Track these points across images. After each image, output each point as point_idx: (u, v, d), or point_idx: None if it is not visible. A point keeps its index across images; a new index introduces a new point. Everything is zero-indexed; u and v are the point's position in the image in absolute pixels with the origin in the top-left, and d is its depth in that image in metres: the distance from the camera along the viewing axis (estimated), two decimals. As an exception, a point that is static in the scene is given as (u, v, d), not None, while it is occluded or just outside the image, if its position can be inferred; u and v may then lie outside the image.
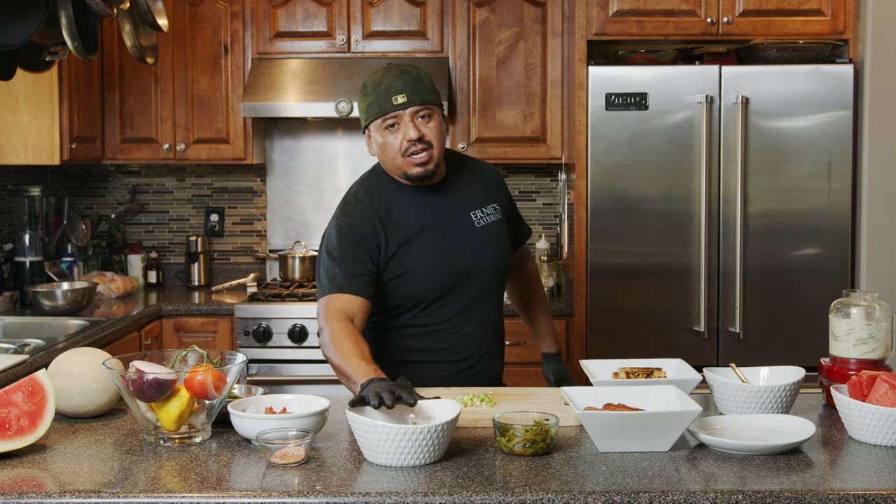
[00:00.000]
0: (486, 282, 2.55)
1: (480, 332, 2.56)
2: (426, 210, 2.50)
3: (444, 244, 2.49)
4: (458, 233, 2.52)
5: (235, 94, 4.34)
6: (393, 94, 2.38)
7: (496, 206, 2.61)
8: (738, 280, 3.83)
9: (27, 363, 2.88)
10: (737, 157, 3.81)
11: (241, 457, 1.91)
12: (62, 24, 2.62)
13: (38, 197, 4.17)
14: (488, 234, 2.55)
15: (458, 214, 2.54)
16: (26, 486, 1.74)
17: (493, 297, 2.60)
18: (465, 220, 2.54)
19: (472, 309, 2.53)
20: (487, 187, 2.63)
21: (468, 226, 2.54)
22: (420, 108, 2.40)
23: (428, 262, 2.46)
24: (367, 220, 2.46)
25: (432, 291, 2.48)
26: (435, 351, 2.53)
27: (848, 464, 1.88)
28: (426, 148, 2.41)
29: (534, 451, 1.89)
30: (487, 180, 2.64)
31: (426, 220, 2.49)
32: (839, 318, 2.27)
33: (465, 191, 2.58)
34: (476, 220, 2.55)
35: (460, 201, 2.55)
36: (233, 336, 4.03)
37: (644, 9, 3.90)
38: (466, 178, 2.61)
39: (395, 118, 2.40)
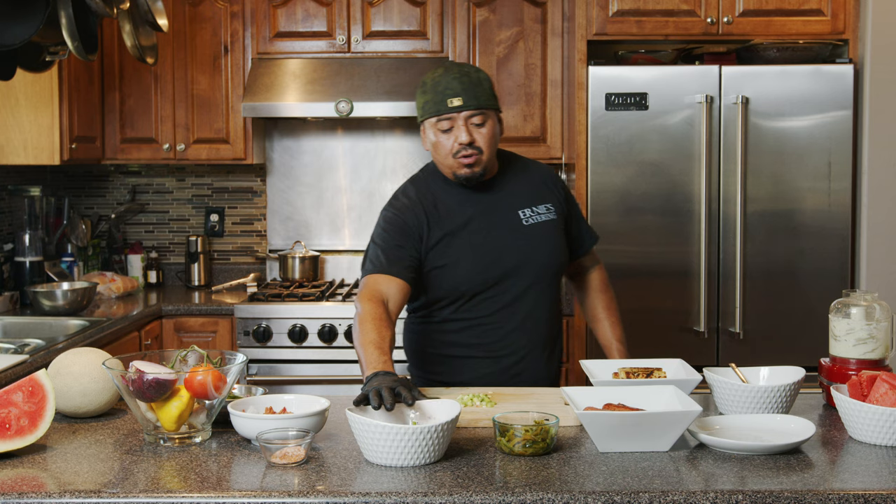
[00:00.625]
0: (533, 280, 2.55)
1: (525, 329, 2.56)
2: (473, 206, 2.55)
3: (487, 239, 2.52)
4: (504, 229, 2.54)
5: (235, 94, 4.34)
6: (449, 96, 2.43)
7: (549, 206, 2.61)
8: (738, 280, 3.83)
9: (27, 363, 2.88)
10: (737, 157, 3.81)
11: (241, 457, 1.91)
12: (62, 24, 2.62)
13: (38, 197, 4.17)
14: (536, 232, 2.56)
15: (505, 211, 2.56)
16: (26, 486, 1.74)
17: (544, 296, 2.58)
18: (512, 218, 2.56)
19: (516, 306, 2.54)
20: (541, 187, 2.64)
21: (515, 223, 2.55)
22: (475, 112, 2.44)
23: (469, 256, 2.50)
24: (412, 212, 2.52)
25: (472, 285, 2.51)
26: (476, 346, 2.54)
27: (848, 464, 1.88)
28: (476, 153, 2.45)
29: (534, 451, 1.89)
30: (542, 181, 2.66)
31: (471, 214, 2.53)
32: (839, 318, 2.27)
33: (516, 189, 2.60)
34: (524, 217, 2.57)
35: (509, 199, 2.58)
36: (233, 336, 4.03)
37: (644, 9, 3.90)
38: (518, 178, 2.63)
39: (449, 120, 2.45)
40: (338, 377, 3.92)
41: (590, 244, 2.76)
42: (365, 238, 4.64)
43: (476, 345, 2.54)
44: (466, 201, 2.55)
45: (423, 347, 2.62)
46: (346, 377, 3.91)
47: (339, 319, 3.94)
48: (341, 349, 3.95)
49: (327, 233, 4.68)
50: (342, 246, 4.68)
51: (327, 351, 3.95)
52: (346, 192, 4.66)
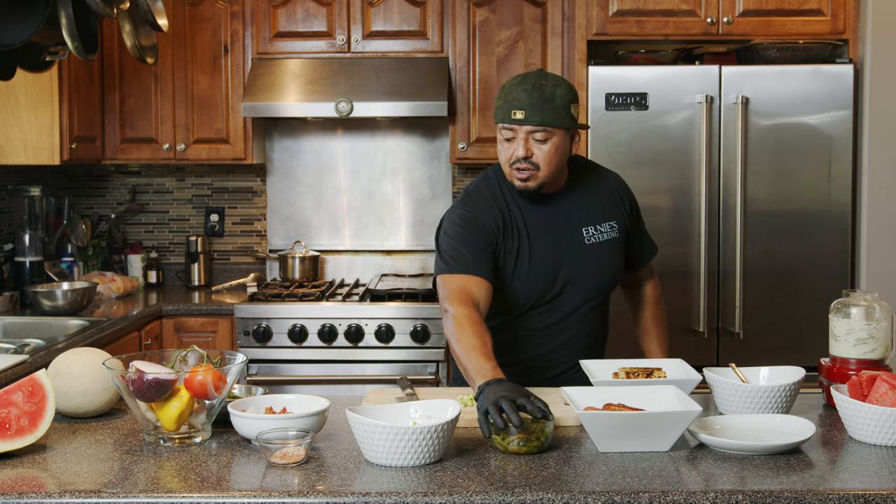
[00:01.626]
0: (587, 297, 2.54)
1: (575, 344, 2.56)
2: (538, 216, 2.51)
3: (546, 256, 2.49)
4: (564, 247, 2.51)
5: (235, 94, 4.34)
6: (515, 107, 2.38)
7: (613, 224, 2.58)
8: (738, 280, 3.83)
9: (27, 363, 2.88)
10: (737, 157, 3.81)
11: (241, 457, 1.91)
12: (62, 24, 2.62)
13: (38, 197, 4.17)
14: (597, 252, 2.53)
15: (568, 228, 2.53)
16: (26, 486, 1.74)
17: (596, 313, 2.58)
18: (574, 235, 2.52)
19: (566, 322, 2.54)
20: (608, 202, 2.60)
21: (577, 241, 2.52)
22: (536, 128, 2.39)
23: (525, 269, 2.47)
24: (489, 212, 2.48)
25: (525, 300, 2.49)
26: (526, 356, 2.53)
27: (848, 464, 1.88)
28: (531, 168, 2.41)
29: (528, 450, 1.89)
30: (610, 194, 2.61)
31: (535, 227, 2.50)
32: (839, 318, 2.27)
33: (583, 204, 2.56)
34: (587, 236, 2.53)
35: (575, 215, 2.54)
36: (233, 336, 4.03)
37: (644, 9, 3.90)
38: (587, 191, 2.58)
39: (511, 131, 2.41)
40: (338, 377, 3.92)
41: (648, 257, 2.73)
42: (364, 238, 4.64)
43: (526, 354, 2.54)
44: (533, 211, 2.51)
45: None
46: (346, 377, 3.91)
47: (339, 319, 3.94)
48: (341, 349, 3.95)
49: (327, 233, 4.68)
50: (342, 246, 4.68)
51: (327, 351, 3.95)
52: (346, 192, 4.66)
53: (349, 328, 3.93)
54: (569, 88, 2.43)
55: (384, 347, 3.93)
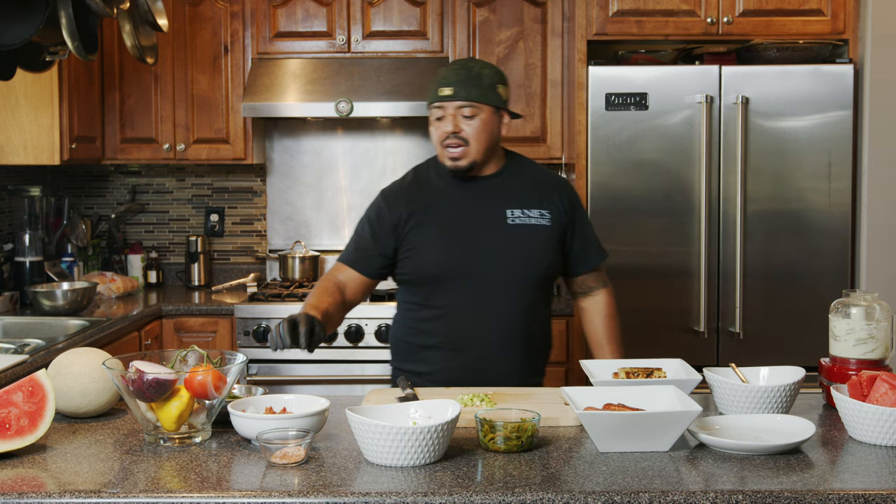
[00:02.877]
0: (507, 280, 2.55)
1: (494, 328, 2.55)
2: (460, 196, 2.59)
3: (463, 230, 2.55)
4: (482, 223, 2.56)
5: (235, 94, 4.34)
6: (443, 85, 2.49)
7: (544, 212, 2.60)
8: (738, 280, 3.83)
9: (27, 363, 2.88)
10: (737, 157, 3.81)
11: (241, 457, 1.91)
12: (62, 24, 2.62)
13: (38, 197, 4.17)
14: (520, 233, 2.56)
15: (490, 207, 2.58)
16: (26, 486, 1.74)
17: (520, 299, 2.57)
18: (496, 215, 2.57)
19: (485, 303, 2.54)
20: (542, 193, 2.63)
21: (498, 221, 2.57)
22: (464, 104, 2.48)
23: (440, 241, 2.54)
24: (395, 198, 2.62)
25: (439, 270, 2.54)
26: (442, 337, 2.56)
27: (848, 464, 1.88)
28: (461, 144, 2.50)
29: (507, 448, 1.91)
30: (546, 187, 2.65)
31: (456, 204, 2.59)
32: (839, 318, 2.27)
33: (510, 189, 2.61)
34: (510, 217, 2.57)
35: (499, 197, 2.59)
36: (233, 336, 4.03)
37: (644, 9, 3.90)
38: (519, 180, 2.63)
39: (440, 108, 2.50)
40: (338, 377, 3.92)
41: (596, 261, 2.72)
42: (365, 238, 4.64)
43: (442, 335, 2.56)
44: (456, 191, 2.60)
45: (401, 336, 2.68)
46: (346, 377, 3.91)
47: (339, 319, 3.94)
48: (341, 349, 3.95)
49: (327, 233, 4.68)
50: (342, 246, 4.61)
51: (327, 351, 3.95)
52: (346, 192, 4.66)
53: (349, 328, 3.93)
54: (497, 71, 2.56)
55: (384, 347, 3.92)
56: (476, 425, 1.95)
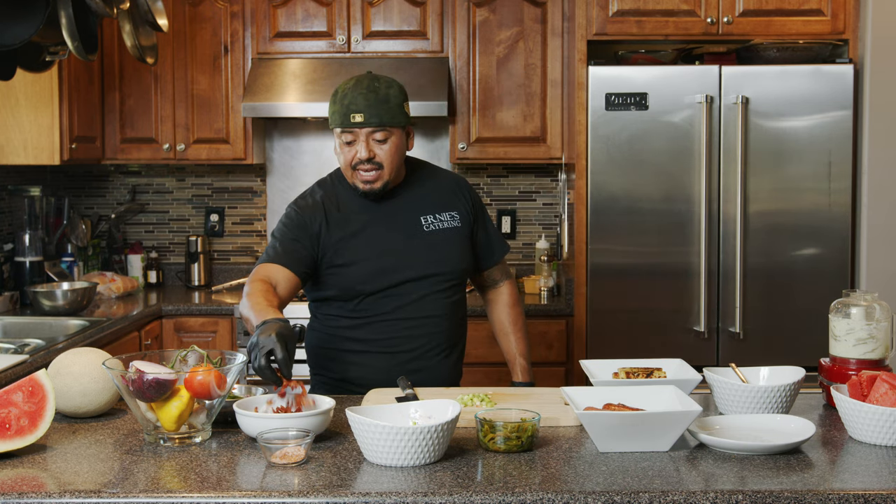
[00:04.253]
0: (431, 283, 2.60)
1: (423, 330, 2.59)
2: (374, 210, 2.60)
3: (386, 242, 2.57)
4: (403, 234, 2.59)
5: (235, 94, 4.34)
6: (352, 111, 2.48)
7: (454, 214, 2.66)
8: (738, 280, 3.83)
9: (27, 363, 2.89)
10: (737, 157, 3.81)
11: (242, 457, 1.91)
12: (62, 24, 2.62)
13: (38, 197, 4.17)
14: (437, 238, 2.62)
15: (406, 217, 2.61)
16: (26, 486, 1.74)
17: (443, 300, 2.62)
18: (412, 224, 2.61)
19: (413, 307, 2.58)
20: (447, 195, 2.68)
21: (415, 229, 2.61)
22: (376, 129, 2.49)
23: (366, 257, 2.55)
24: (312, 212, 2.58)
25: (368, 286, 2.55)
26: (372, 341, 2.58)
27: (848, 464, 1.88)
28: (375, 168, 2.52)
29: (507, 449, 1.90)
30: (449, 189, 2.70)
31: (372, 218, 2.59)
32: (839, 318, 2.27)
33: (420, 196, 2.65)
34: (426, 224, 2.62)
35: (412, 205, 2.63)
36: (233, 336, 4.03)
37: (644, 9, 3.90)
38: (424, 185, 2.68)
39: (351, 134, 2.50)
40: (338, 377, 3.91)
41: (499, 255, 2.79)
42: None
43: (372, 340, 2.57)
44: (369, 205, 2.60)
45: (322, 344, 2.66)
46: (346, 377, 3.91)
47: (339, 319, 3.94)
48: (341, 349, 3.94)
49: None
50: (342, 246, 4.67)
51: (327, 351, 3.94)
52: (346, 192, 4.66)
53: (349, 328, 3.92)
54: (400, 88, 2.55)
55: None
56: (476, 425, 1.95)
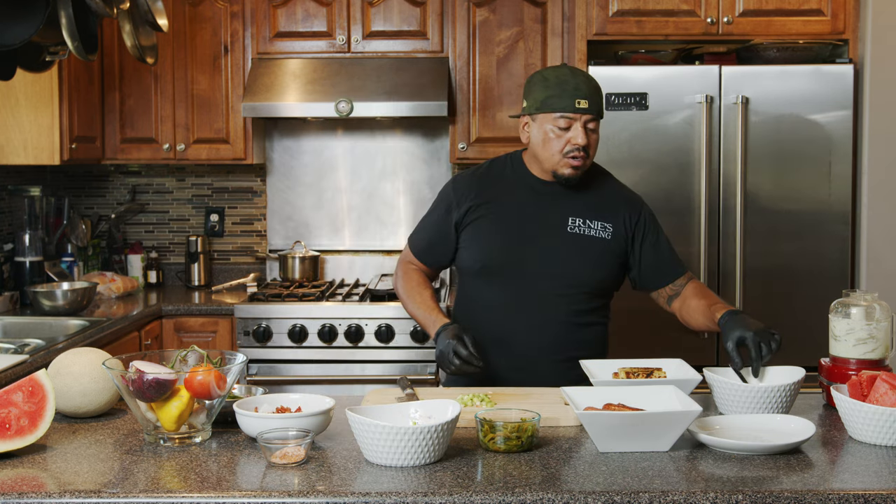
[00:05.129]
0: (558, 285, 2.56)
1: (540, 332, 2.56)
2: (527, 197, 2.62)
3: (521, 229, 2.58)
4: (542, 227, 2.59)
5: (235, 94, 4.34)
6: (579, 96, 2.48)
7: (607, 226, 2.61)
8: (738, 280, 3.83)
9: (27, 363, 2.88)
10: (737, 157, 3.81)
11: (242, 457, 1.91)
12: (62, 24, 2.62)
13: (38, 197, 4.17)
14: (577, 242, 2.58)
15: (553, 213, 2.60)
16: (26, 486, 1.74)
17: (569, 307, 2.58)
18: (557, 221, 2.59)
19: (532, 303, 2.56)
20: (608, 207, 2.63)
21: (557, 226, 2.59)
22: (594, 118, 2.51)
23: (496, 236, 2.59)
24: (465, 184, 2.66)
25: (487, 263, 2.58)
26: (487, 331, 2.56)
27: (848, 464, 1.88)
28: (584, 156, 2.52)
29: (507, 448, 1.90)
30: (615, 202, 2.65)
31: (522, 204, 2.61)
32: (839, 318, 2.27)
33: (577, 199, 2.62)
34: (570, 225, 2.59)
35: (565, 204, 2.61)
36: (233, 336, 4.03)
37: (644, 9, 3.90)
38: (589, 191, 2.64)
39: (570, 119, 2.50)
40: (338, 377, 3.92)
41: (671, 277, 2.69)
42: (364, 238, 4.65)
43: (487, 329, 2.56)
44: (526, 191, 2.62)
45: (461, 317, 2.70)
46: (346, 377, 3.91)
47: (339, 319, 3.94)
48: (341, 349, 3.95)
49: (327, 233, 4.68)
50: (342, 246, 4.67)
51: (327, 351, 3.95)
52: (346, 192, 4.66)
53: (349, 328, 3.93)
54: None
55: (384, 347, 3.93)
56: (476, 425, 1.95)
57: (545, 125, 2.52)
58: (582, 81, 2.50)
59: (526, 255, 2.56)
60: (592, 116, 2.50)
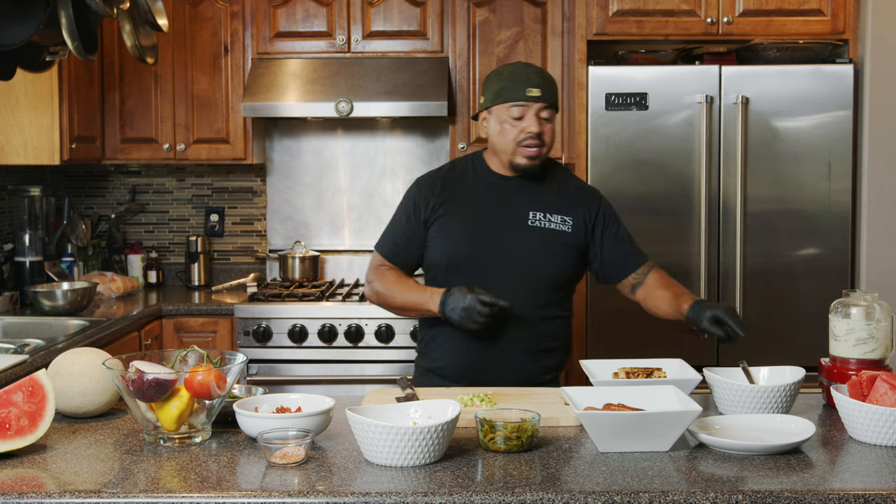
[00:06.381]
0: (520, 278, 2.60)
1: (505, 325, 2.58)
2: (489, 193, 2.67)
3: (484, 225, 2.63)
4: (504, 222, 2.63)
5: (235, 94, 4.34)
6: (530, 85, 2.55)
7: (567, 219, 2.66)
8: (738, 280, 3.83)
9: (27, 363, 2.88)
10: (737, 157, 3.81)
11: (242, 457, 1.91)
12: (62, 24, 2.62)
13: (38, 197, 4.16)
14: (538, 235, 2.63)
15: (514, 208, 2.65)
16: (26, 486, 1.74)
17: (531, 297, 2.61)
18: (518, 215, 2.64)
19: None
20: (569, 201, 2.68)
21: (518, 221, 2.64)
22: (548, 106, 2.57)
23: (461, 232, 2.63)
24: (429, 184, 2.72)
25: (456, 259, 2.62)
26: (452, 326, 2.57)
27: (848, 464, 1.88)
28: (539, 145, 2.57)
29: (507, 448, 1.90)
30: (574, 196, 2.70)
31: (481, 200, 2.67)
32: (839, 318, 2.27)
33: (538, 194, 2.67)
34: (532, 218, 2.64)
35: (525, 199, 2.66)
36: (233, 336, 4.03)
37: (644, 9, 3.90)
38: (549, 185, 2.70)
39: (523, 108, 2.56)
40: (338, 377, 3.92)
41: (634, 266, 2.74)
42: (364, 238, 4.64)
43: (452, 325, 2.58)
44: (487, 188, 2.68)
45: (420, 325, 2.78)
46: (346, 377, 3.92)
47: (339, 319, 3.94)
48: (341, 349, 3.95)
49: (327, 233, 4.68)
50: (342, 246, 4.67)
51: (327, 351, 3.95)
52: (346, 192, 4.66)
53: (349, 328, 3.93)
54: None
55: (384, 347, 3.93)
56: (476, 425, 1.95)
57: (501, 116, 2.59)
58: (534, 72, 2.59)
59: (489, 249, 2.62)
60: (545, 105, 2.56)
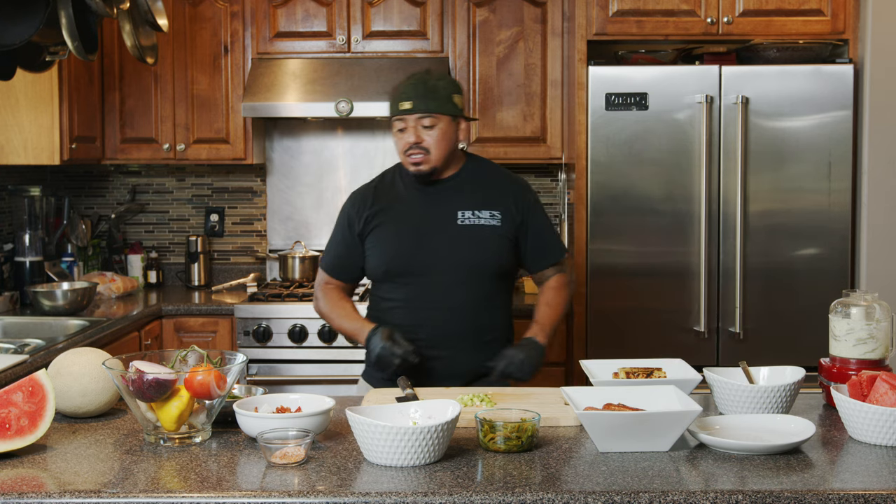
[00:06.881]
0: (458, 276, 2.70)
1: (448, 322, 2.69)
2: (417, 198, 2.77)
3: (415, 229, 2.72)
4: (434, 224, 2.73)
5: (235, 94, 4.34)
6: (402, 100, 2.66)
7: (495, 213, 2.75)
8: (738, 280, 3.83)
9: (27, 363, 2.88)
10: (737, 157, 3.81)
11: (242, 457, 1.91)
12: (62, 24, 2.62)
13: (38, 197, 4.16)
14: (469, 233, 2.72)
15: (443, 209, 2.74)
16: (26, 486, 1.74)
17: (472, 295, 2.71)
18: (447, 216, 2.73)
19: (435, 296, 2.70)
20: (495, 196, 2.78)
21: (448, 221, 2.73)
22: (423, 115, 2.65)
23: (394, 240, 2.74)
24: (361, 197, 2.82)
25: (393, 267, 2.73)
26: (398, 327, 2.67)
27: (848, 464, 1.88)
28: (423, 152, 2.67)
29: (507, 448, 1.91)
30: (501, 191, 2.79)
31: (410, 206, 2.76)
32: (839, 318, 2.27)
33: (465, 192, 2.77)
34: (461, 218, 2.73)
35: (453, 199, 2.75)
36: (233, 336, 4.03)
37: (644, 9, 3.90)
38: (475, 182, 2.79)
39: (402, 121, 2.67)
40: (338, 377, 3.92)
41: (553, 258, 2.84)
42: (365, 238, 4.64)
43: (398, 325, 2.68)
44: (414, 193, 2.77)
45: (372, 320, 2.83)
46: (345, 377, 3.91)
47: (339, 319, 3.94)
48: (341, 349, 3.95)
49: (327, 233, 4.65)
50: (342, 246, 4.67)
51: (327, 351, 3.95)
52: (346, 192, 4.65)
53: (349, 328, 3.92)
54: (452, 81, 2.74)
55: (384, 347, 3.92)
56: (476, 425, 1.95)
57: (393, 130, 2.73)
58: (409, 85, 2.67)
59: (423, 252, 2.71)
60: (421, 115, 2.64)
